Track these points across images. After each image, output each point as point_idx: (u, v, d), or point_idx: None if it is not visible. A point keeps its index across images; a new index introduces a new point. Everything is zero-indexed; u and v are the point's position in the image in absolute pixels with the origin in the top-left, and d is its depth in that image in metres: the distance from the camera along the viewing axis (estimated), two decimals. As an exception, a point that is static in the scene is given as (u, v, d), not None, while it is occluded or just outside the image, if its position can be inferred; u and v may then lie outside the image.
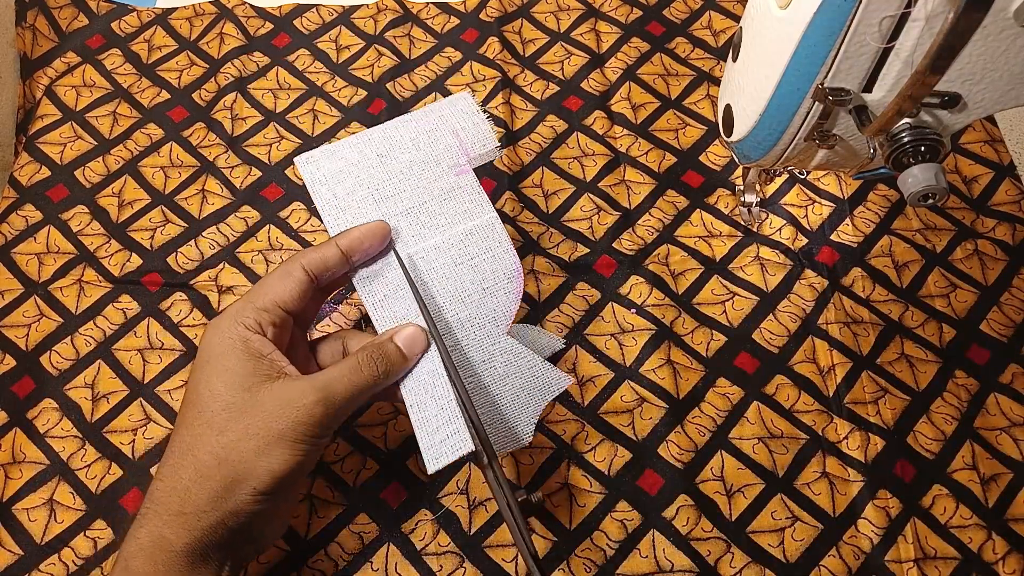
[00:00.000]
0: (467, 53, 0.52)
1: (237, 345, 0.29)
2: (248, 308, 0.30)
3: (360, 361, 0.30)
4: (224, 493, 0.27)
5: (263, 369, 0.29)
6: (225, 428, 0.28)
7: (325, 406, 0.29)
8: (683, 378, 0.41)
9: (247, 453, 0.28)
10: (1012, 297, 0.43)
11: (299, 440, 0.28)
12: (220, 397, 0.28)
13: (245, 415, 0.28)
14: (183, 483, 0.28)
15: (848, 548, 0.37)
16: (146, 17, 0.53)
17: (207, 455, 0.28)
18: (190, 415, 0.29)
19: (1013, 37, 0.25)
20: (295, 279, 0.31)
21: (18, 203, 0.46)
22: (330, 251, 0.31)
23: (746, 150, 0.32)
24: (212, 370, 0.29)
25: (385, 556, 0.36)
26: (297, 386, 0.29)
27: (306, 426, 0.28)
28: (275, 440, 0.28)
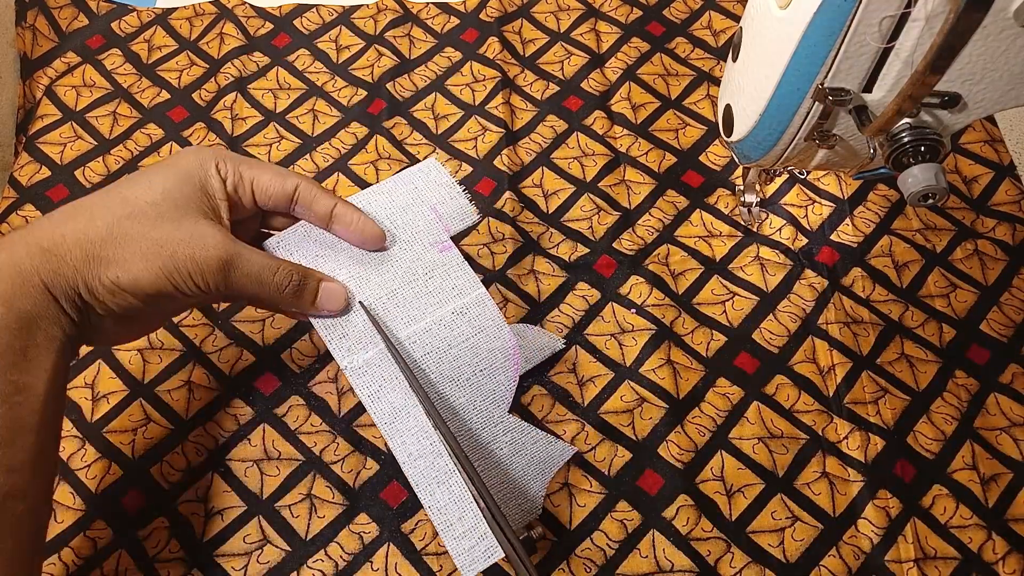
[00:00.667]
0: (467, 53, 0.52)
1: (200, 171, 0.29)
2: (231, 160, 0.30)
3: (280, 267, 0.30)
4: (93, 262, 0.27)
5: (203, 204, 0.29)
6: (135, 216, 0.28)
7: (224, 266, 0.29)
8: (683, 378, 0.41)
9: (134, 247, 0.28)
10: (1012, 297, 0.43)
11: (180, 272, 0.28)
12: (153, 192, 0.29)
13: (159, 220, 0.28)
14: (64, 230, 0.27)
15: (848, 548, 0.37)
16: (146, 17, 0.53)
17: (103, 224, 0.28)
18: (116, 188, 0.29)
19: (1013, 37, 0.25)
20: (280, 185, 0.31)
21: (18, 203, 0.46)
22: (323, 203, 0.32)
23: (746, 150, 0.33)
24: (165, 173, 0.29)
25: (385, 556, 0.36)
26: (217, 234, 0.29)
27: (196, 266, 0.28)
28: (164, 255, 0.28)
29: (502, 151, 0.48)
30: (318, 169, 0.48)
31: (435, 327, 0.34)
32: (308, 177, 0.33)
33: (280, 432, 0.39)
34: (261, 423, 0.39)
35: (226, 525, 0.37)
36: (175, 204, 0.29)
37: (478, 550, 0.29)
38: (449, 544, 0.30)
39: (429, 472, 0.30)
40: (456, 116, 0.50)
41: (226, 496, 0.37)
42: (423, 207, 0.35)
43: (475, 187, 0.47)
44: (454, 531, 0.30)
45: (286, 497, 0.38)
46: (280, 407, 0.40)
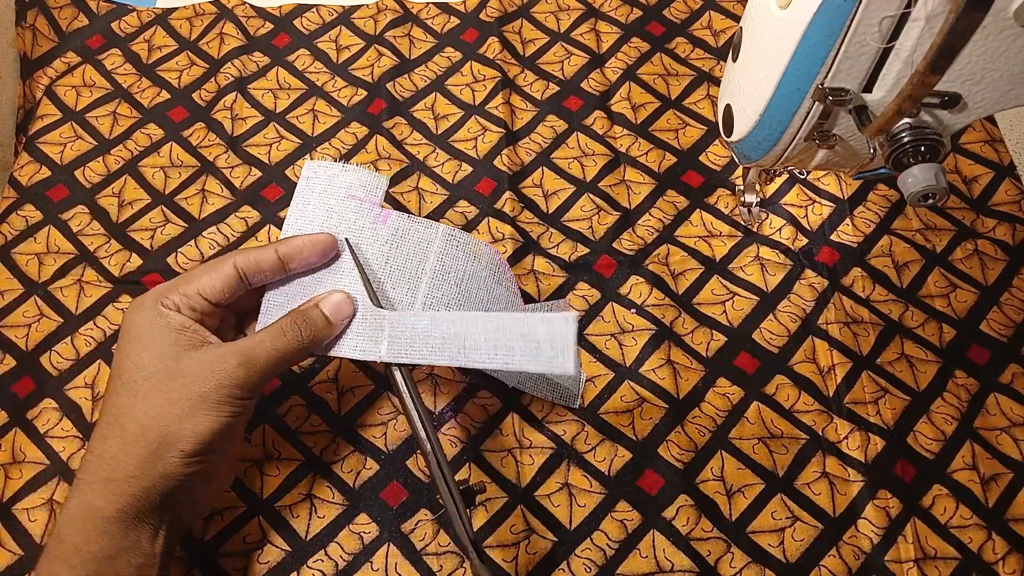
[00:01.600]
0: (467, 53, 0.52)
1: (158, 320, 0.30)
2: (170, 290, 0.31)
3: (284, 326, 0.31)
4: (152, 458, 0.28)
5: (185, 339, 0.29)
6: (148, 395, 0.29)
7: (247, 368, 0.29)
8: (683, 378, 0.41)
9: (171, 418, 0.28)
10: (1012, 297, 0.43)
11: (222, 402, 0.29)
12: (143, 367, 0.29)
13: (168, 381, 0.29)
14: (110, 452, 0.28)
15: (848, 548, 0.37)
16: (146, 17, 0.53)
17: (132, 423, 0.28)
18: (115, 387, 0.29)
19: (1013, 37, 0.25)
20: (222, 274, 0.31)
21: (18, 203, 0.46)
22: (266, 255, 0.32)
23: (746, 150, 0.32)
24: (135, 343, 0.30)
25: (385, 556, 0.36)
26: (219, 351, 0.29)
27: (228, 388, 0.29)
28: (198, 403, 0.28)
29: (502, 151, 0.48)
30: (318, 169, 0.48)
31: (436, 280, 0.34)
32: (239, 250, 0.32)
33: (280, 432, 0.39)
34: (261, 423, 0.39)
35: (226, 525, 0.37)
36: (166, 359, 0.29)
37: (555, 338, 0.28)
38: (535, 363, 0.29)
39: None
40: (456, 116, 0.50)
41: (226, 497, 0.37)
42: (340, 201, 0.34)
43: (475, 187, 0.47)
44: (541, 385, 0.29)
45: (286, 497, 0.38)
46: (280, 407, 0.40)
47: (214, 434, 0.29)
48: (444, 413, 0.40)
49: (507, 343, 0.30)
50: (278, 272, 0.32)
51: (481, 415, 0.40)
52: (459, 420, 0.39)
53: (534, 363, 0.29)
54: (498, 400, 0.40)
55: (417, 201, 0.46)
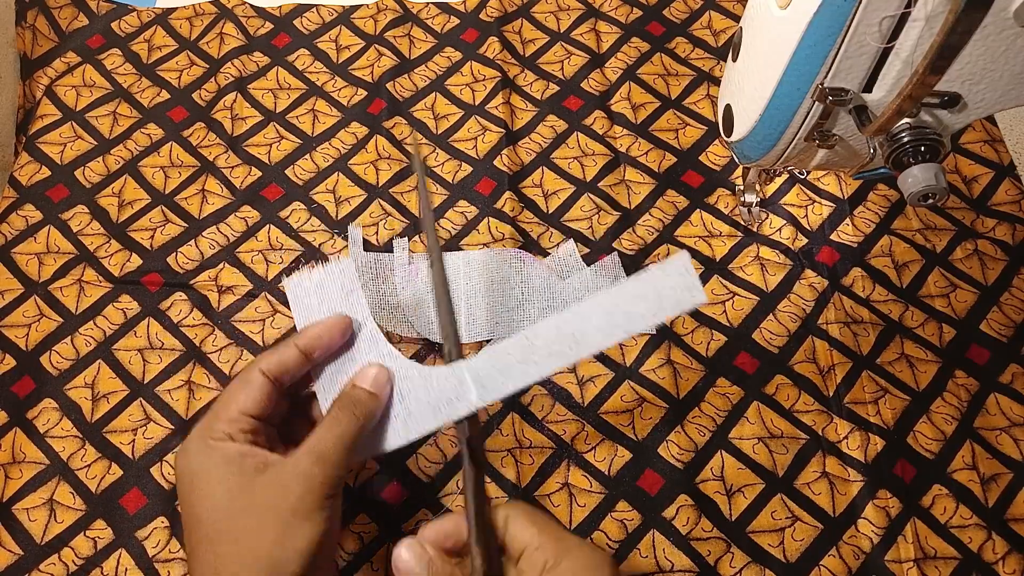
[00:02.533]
0: (467, 53, 0.52)
1: (214, 458, 0.28)
2: (215, 423, 0.29)
3: (335, 415, 0.29)
4: None
5: (248, 465, 0.28)
6: (239, 534, 0.27)
7: (323, 466, 0.28)
8: (683, 378, 0.41)
9: (271, 546, 0.27)
10: (1012, 297, 0.43)
11: (312, 510, 0.27)
12: (220, 508, 0.27)
13: (251, 512, 0.27)
14: None
15: (848, 548, 0.37)
16: (146, 17, 0.53)
17: (233, 561, 0.27)
18: (199, 537, 0.28)
19: (1013, 37, 0.25)
20: (255, 386, 0.30)
21: (18, 203, 0.46)
22: (288, 352, 0.31)
23: (746, 150, 0.32)
24: (200, 487, 0.28)
25: (385, 556, 0.36)
26: (288, 462, 0.28)
27: (312, 494, 0.28)
28: (291, 518, 0.27)
29: (502, 151, 0.48)
30: (318, 169, 0.48)
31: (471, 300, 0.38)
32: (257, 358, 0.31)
33: (280, 432, 0.39)
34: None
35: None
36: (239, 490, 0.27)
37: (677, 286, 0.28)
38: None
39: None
40: (456, 116, 0.50)
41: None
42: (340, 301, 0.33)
43: (475, 187, 0.47)
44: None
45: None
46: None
47: (316, 545, 0.27)
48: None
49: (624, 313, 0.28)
50: (304, 366, 0.31)
51: (481, 415, 0.40)
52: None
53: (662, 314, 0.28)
54: (499, 400, 0.40)
55: (418, 201, 0.46)
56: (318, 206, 0.46)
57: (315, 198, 0.46)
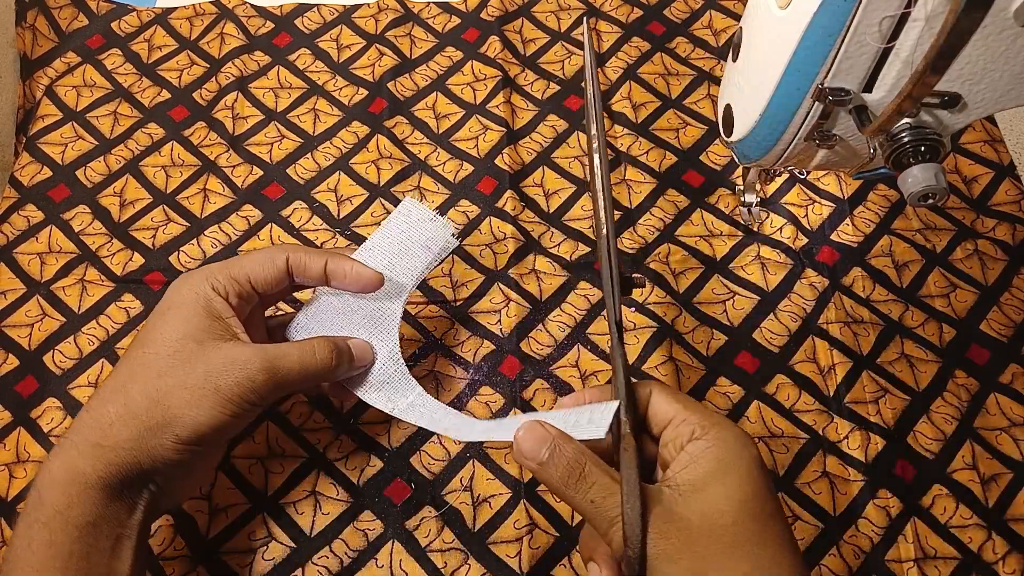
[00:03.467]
0: (468, 52, 0.52)
1: (200, 301, 0.30)
2: (221, 272, 0.31)
3: (315, 347, 0.31)
4: (147, 434, 0.28)
5: (218, 329, 0.30)
6: (165, 372, 0.28)
7: (269, 374, 0.29)
8: (685, 376, 0.41)
9: (180, 400, 0.28)
10: (1012, 297, 0.43)
11: (233, 400, 0.29)
12: (169, 343, 0.29)
13: (188, 364, 0.29)
14: (108, 417, 0.28)
15: (848, 547, 0.37)
16: (146, 17, 0.53)
17: (140, 394, 0.28)
18: (135, 354, 0.29)
19: (1013, 37, 0.25)
20: (276, 266, 0.32)
21: (19, 203, 0.46)
22: (315, 261, 0.32)
23: (746, 150, 0.33)
24: (169, 317, 0.30)
25: (390, 553, 0.36)
26: (246, 350, 0.30)
27: (245, 388, 0.29)
28: (210, 393, 0.28)
29: (503, 150, 0.48)
30: (319, 168, 0.48)
31: None
32: (292, 246, 0.33)
33: (284, 429, 0.39)
34: (265, 420, 0.39)
35: (231, 522, 0.37)
36: (194, 341, 0.29)
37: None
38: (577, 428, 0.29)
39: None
40: (457, 115, 0.50)
41: (231, 493, 0.38)
42: (417, 248, 0.36)
43: (476, 186, 0.47)
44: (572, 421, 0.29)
45: (291, 494, 0.38)
46: (283, 404, 0.40)
47: (213, 428, 0.29)
48: (461, 398, 0.40)
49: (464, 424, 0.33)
50: (319, 281, 0.33)
51: (484, 412, 0.40)
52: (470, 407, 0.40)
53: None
54: (500, 396, 0.40)
55: (419, 200, 0.46)
56: (319, 205, 0.46)
57: (316, 197, 0.47)
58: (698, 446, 0.25)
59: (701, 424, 0.26)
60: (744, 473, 0.24)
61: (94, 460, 0.27)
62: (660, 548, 0.23)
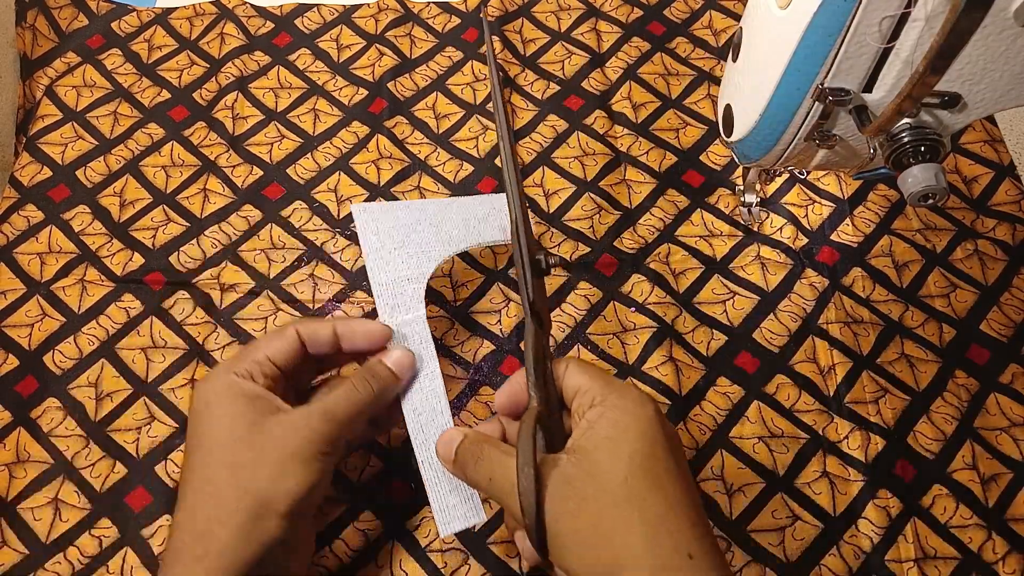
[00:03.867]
0: (468, 52, 0.52)
1: (233, 390, 0.29)
2: (241, 361, 0.31)
3: (355, 382, 0.31)
4: (248, 524, 0.27)
5: (263, 406, 0.29)
6: (237, 459, 0.28)
7: (330, 424, 0.29)
8: (685, 376, 0.41)
9: (265, 479, 0.28)
10: (1012, 297, 0.43)
11: (312, 458, 0.29)
12: (226, 434, 0.29)
13: (255, 444, 0.28)
14: (202, 524, 0.27)
15: (848, 547, 0.37)
16: (146, 17, 0.53)
17: (226, 488, 0.27)
18: (198, 456, 0.29)
19: (1013, 37, 0.25)
20: (288, 339, 0.32)
21: (19, 203, 0.46)
22: (324, 329, 0.32)
23: (746, 150, 0.33)
24: (211, 414, 0.29)
25: (390, 553, 0.36)
26: (300, 411, 0.30)
27: (316, 444, 0.29)
28: (289, 460, 0.28)
29: (503, 151, 0.48)
30: (319, 168, 0.48)
31: None
32: (299, 319, 0.33)
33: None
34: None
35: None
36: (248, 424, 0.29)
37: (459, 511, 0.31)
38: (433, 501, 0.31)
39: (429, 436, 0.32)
40: (457, 115, 0.50)
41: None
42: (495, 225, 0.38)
43: (476, 186, 0.47)
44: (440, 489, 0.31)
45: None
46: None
47: (307, 492, 0.28)
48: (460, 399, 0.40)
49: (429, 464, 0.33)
50: (332, 347, 0.33)
51: (484, 412, 0.40)
52: (461, 418, 0.40)
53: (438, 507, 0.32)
54: None
55: (418, 201, 0.46)
56: (319, 205, 0.46)
57: (316, 197, 0.47)
58: (595, 412, 0.27)
59: (601, 392, 0.28)
60: (637, 433, 0.26)
61: (203, 573, 0.26)
62: (560, 509, 0.25)
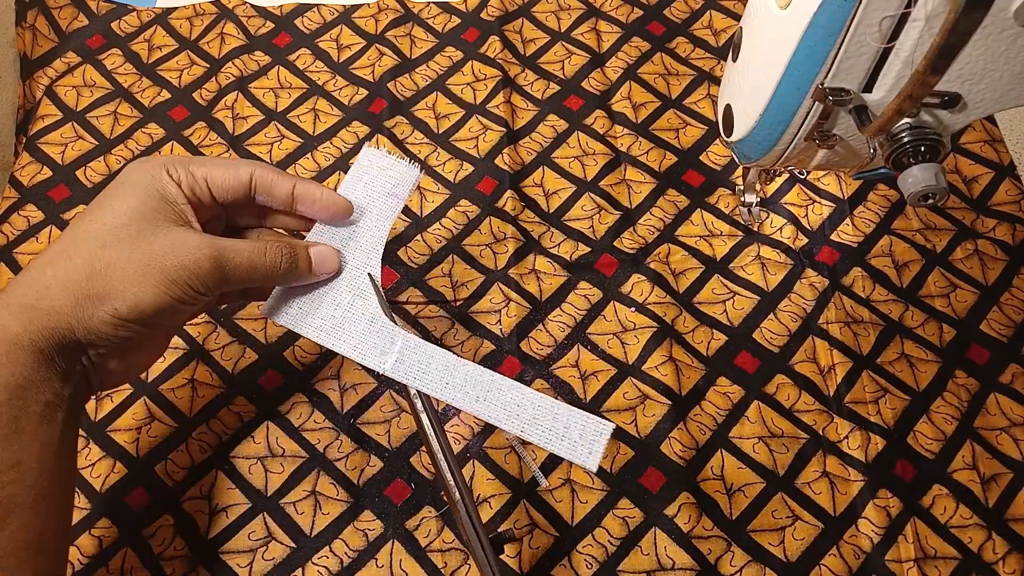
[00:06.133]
0: (468, 52, 0.52)
1: (155, 183, 0.29)
2: (179, 163, 0.30)
3: (268, 248, 0.30)
4: (84, 303, 0.27)
5: (170, 212, 0.29)
6: (110, 244, 0.27)
7: (215, 265, 0.28)
8: (685, 375, 0.41)
9: (122, 274, 0.27)
10: (1012, 297, 0.43)
11: (176, 282, 0.28)
12: (117, 217, 0.28)
13: (135, 240, 0.28)
14: (45, 280, 0.27)
15: (848, 547, 0.37)
16: (146, 17, 0.53)
17: (82, 262, 0.27)
18: (81, 224, 0.28)
19: (1013, 37, 0.25)
20: (235, 176, 0.30)
21: (19, 203, 0.46)
22: (282, 184, 0.31)
23: (746, 150, 0.33)
24: (120, 193, 0.29)
25: (390, 553, 0.36)
26: (195, 236, 0.29)
27: (189, 273, 0.28)
28: (154, 272, 0.27)
29: (503, 150, 0.48)
30: (319, 168, 0.48)
31: None
32: (264, 163, 0.32)
33: (284, 429, 0.39)
34: (264, 420, 0.39)
35: (231, 522, 0.37)
36: (144, 220, 0.28)
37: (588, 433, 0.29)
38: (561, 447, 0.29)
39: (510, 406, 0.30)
40: (457, 115, 0.50)
41: (231, 493, 0.38)
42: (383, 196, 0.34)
43: (476, 186, 0.47)
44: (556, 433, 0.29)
45: (291, 494, 0.38)
46: (283, 404, 0.40)
47: (153, 309, 0.27)
48: (447, 411, 0.40)
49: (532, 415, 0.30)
50: (285, 204, 0.32)
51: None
52: (462, 418, 0.40)
53: (556, 444, 0.29)
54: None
55: (419, 200, 0.46)
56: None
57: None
58: None
59: None
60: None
61: (27, 321, 0.26)
62: None
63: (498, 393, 0.30)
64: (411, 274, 0.44)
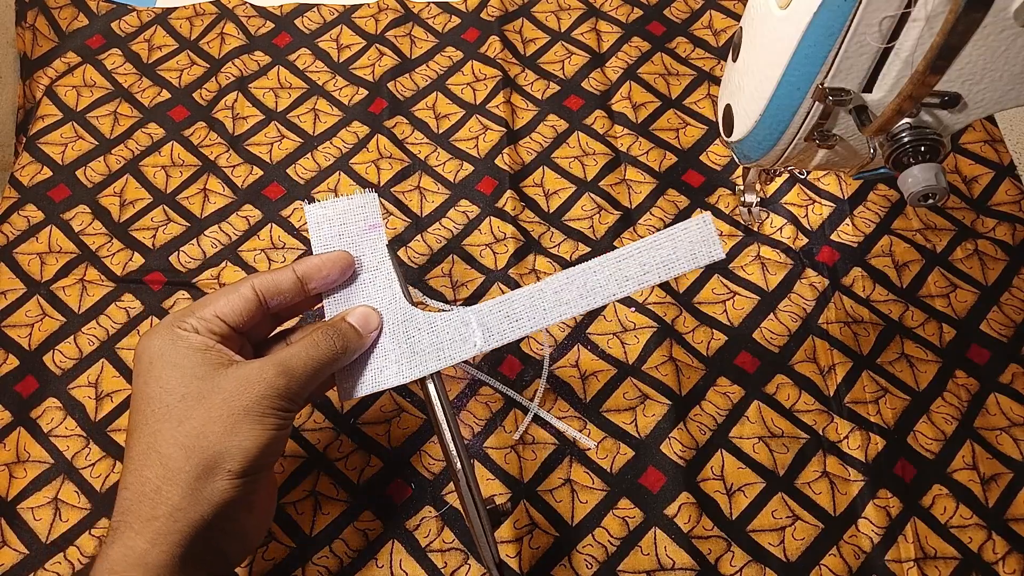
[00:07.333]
0: (468, 52, 0.52)
1: (179, 343, 0.28)
2: (187, 315, 0.29)
3: (317, 338, 0.30)
4: (197, 484, 0.26)
5: (212, 358, 0.28)
6: (185, 417, 0.27)
7: (287, 378, 0.28)
8: (685, 375, 0.41)
9: (215, 436, 0.26)
10: (1012, 297, 0.43)
11: (265, 414, 0.27)
12: (174, 390, 0.27)
13: (205, 400, 0.27)
14: (151, 484, 0.26)
15: (848, 547, 0.37)
16: (146, 17, 0.53)
17: (172, 447, 0.26)
18: (144, 415, 0.27)
19: (1013, 37, 0.25)
20: (240, 296, 0.30)
21: (19, 203, 0.46)
22: (284, 276, 0.31)
23: (746, 150, 0.33)
24: (159, 368, 0.28)
25: (390, 553, 0.36)
26: (254, 365, 0.28)
27: (270, 399, 0.27)
28: (241, 417, 0.27)
29: (503, 150, 0.48)
30: (319, 168, 0.48)
31: None
32: (256, 273, 0.31)
33: (282, 431, 0.39)
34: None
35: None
36: (196, 378, 0.27)
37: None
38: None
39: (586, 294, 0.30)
40: (457, 115, 0.50)
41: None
42: (360, 235, 0.33)
43: (476, 186, 0.47)
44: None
45: (291, 494, 0.38)
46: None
47: (260, 449, 0.27)
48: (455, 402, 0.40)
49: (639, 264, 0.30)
50: (297, 293, 0.31)
51: (484, 412, 0.40)
52: (462, 417, 0.40)
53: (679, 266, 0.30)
54: (500, 397, 0.40)
55: (419, 200, 0.46)
56: (319, 206, 0.46)
57: (317, 197, 0.47)
58: None
59: None
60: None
61: (153, 535, 0.25)
62: None
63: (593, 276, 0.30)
64: (411, 274, 0.44)
